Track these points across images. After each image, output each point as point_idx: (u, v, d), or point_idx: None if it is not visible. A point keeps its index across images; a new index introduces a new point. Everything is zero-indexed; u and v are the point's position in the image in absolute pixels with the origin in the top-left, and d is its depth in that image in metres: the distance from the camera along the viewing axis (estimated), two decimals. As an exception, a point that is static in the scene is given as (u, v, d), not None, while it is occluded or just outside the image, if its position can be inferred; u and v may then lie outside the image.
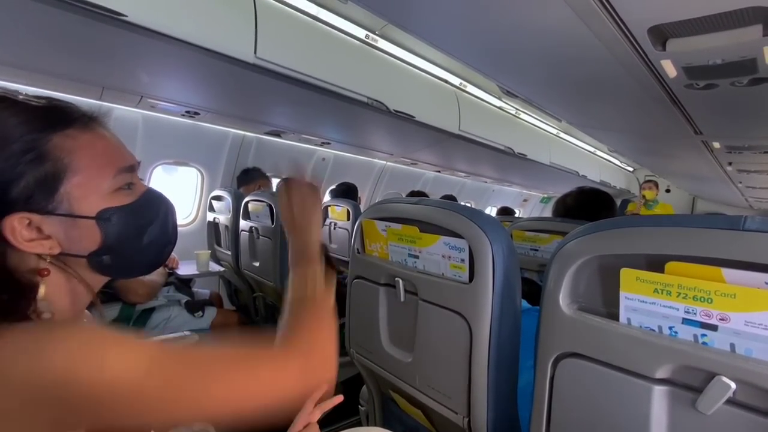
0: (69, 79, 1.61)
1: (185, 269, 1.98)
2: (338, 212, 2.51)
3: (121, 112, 2.05)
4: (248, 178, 2.55)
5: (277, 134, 2.66)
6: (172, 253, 2.08)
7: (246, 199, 1.91)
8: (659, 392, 0.52)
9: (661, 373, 0.51)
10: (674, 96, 1.32)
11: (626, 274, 0.54)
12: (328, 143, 2.90)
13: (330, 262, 0.62)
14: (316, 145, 2.96)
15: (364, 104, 1.97)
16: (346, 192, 2.85)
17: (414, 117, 2.25)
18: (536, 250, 1.46)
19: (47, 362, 0.34)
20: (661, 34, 0.88)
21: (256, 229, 1.82)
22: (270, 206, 1.71)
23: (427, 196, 2.85)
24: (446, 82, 2.53)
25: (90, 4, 1.05)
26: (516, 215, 4.46)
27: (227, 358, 0.44)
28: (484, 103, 2.89)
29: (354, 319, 1.04)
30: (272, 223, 1.70)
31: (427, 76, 2.39)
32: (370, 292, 0.95)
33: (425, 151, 3.13)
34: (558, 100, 1.71)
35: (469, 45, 1.25)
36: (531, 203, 6.34)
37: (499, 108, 3.05)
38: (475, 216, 0.72)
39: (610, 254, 0.56)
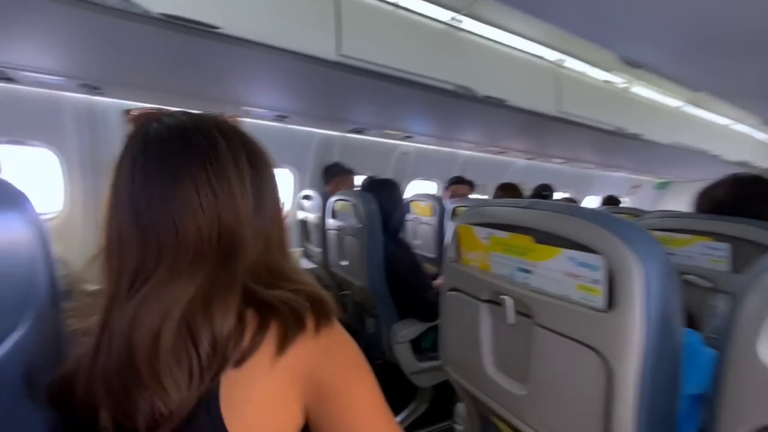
0: (179, 94, 1.78)
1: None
2: (422, 207, 2.42)
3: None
4: (329, 175, 2.60)
5: (360, 131, 2.65)
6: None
7: (333, 199, 1.92)
8: None
9: None
10: None
11: None
12: (410, 137, 2.81)
13: None
14: (398, 139, 2.90)
15: (450, 92, 1.83)
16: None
17: (505, 101, 2.03)
18: (671, 254, 1.18)
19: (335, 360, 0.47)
20: None
21: (343, 228, 1.81)
22: (355, 206, 1.69)
23: (518, 188, 2.59)
24: (542, 58, 2.23)
25: (188, 20, 1.10)
26: (622, 205, 3.86)
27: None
28: (587, 78, 2.51)
29: (450, 334, 0.94)
30: (358, 223, 1.68)
31: (520, 54, 2.13)
32: (469, 308, 0.84)
33: (516, 138, 2.85)
34: (698, 66, 1.37)
35: (582, 12, 1.04)
36: (642, 190, 5.48)
37: (606, 81, 2.62)
38: (617, 226, 0.56)
39: None
